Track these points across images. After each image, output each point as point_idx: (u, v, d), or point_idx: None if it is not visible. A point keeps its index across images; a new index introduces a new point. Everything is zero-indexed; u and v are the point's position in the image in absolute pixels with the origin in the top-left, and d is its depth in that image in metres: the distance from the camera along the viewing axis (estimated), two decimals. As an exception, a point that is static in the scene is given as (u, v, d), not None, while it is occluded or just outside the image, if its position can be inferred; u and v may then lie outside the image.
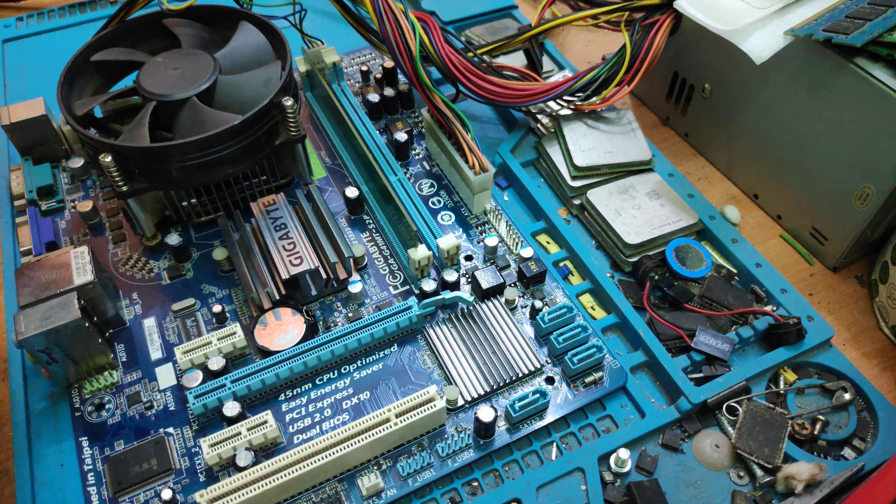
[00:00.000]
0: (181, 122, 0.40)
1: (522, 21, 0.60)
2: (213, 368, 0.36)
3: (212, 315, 0.40)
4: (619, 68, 0.46)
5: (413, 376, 0.38)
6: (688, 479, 0.34)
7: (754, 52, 0.40)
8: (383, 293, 0.41)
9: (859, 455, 0.35)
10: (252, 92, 0.42)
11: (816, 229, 0.44)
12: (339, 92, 0.49)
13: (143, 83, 0.41)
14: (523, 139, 0.50)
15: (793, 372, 0.38)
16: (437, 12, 0.59)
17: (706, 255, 0.42)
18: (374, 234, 0.44)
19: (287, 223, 0.41)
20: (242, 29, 0.45)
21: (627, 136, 0.47)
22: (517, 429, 0.35)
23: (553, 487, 0.34)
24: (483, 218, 0.45)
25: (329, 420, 0.36)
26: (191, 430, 0.36)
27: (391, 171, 0.44)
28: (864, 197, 0.40)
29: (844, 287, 0.44)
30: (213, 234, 0.44)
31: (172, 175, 0.39)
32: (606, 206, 0.44)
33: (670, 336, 0.39)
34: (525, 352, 0.37)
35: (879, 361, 0.40)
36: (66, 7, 0.63)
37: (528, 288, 0.41)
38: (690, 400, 0.36)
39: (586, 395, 0.36)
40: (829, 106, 0.40)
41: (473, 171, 0.42)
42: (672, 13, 0.46)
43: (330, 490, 0.33)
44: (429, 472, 0.34)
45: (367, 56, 0.57)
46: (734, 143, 0.48)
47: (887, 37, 0.37)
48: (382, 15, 0.41)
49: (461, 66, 0.44)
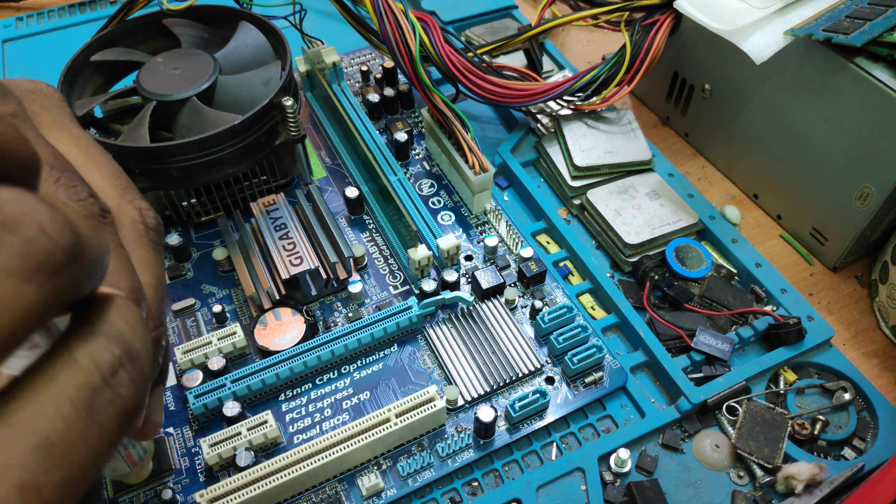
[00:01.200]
0: (181, 122, 0.40)
1: (522, 21, 0.60)
2: (213, 368, 0.36)
3: (212, 315, 0.40)
4: (619, 68, 0.46)
5: (413, 376, 0.38)
6: (688, 479, 0.34)
7: (754, 52, 0.40)
8: (383, 293, 0.41)
9: (859, 455, 0.35)
10: (252, 92, 0.42)
11: (816, 229, 0.44)
12: (339, 92, 0.49)
13: (142, 83, 0.41)
14: (523, 139, 0.50)
15: (793, 372, 0.38)
16: (437, 12, 0.59)
17: (706, 255, 0.42)
18: (374, 234, 0.44)
19: (287, 223, 0.41)
20: (242, 29, 0.45)
21: (627, 136, 0.47)
22: (517, 429, 0.35)
23: (553, 487, 0.34)
24: (483, 218, 0.45)
25: (329, 420, 0.36)
26: (191, 430, 0.36)
27: (391, 171, 0.44)
28: (864, 197, 0.40)
29: (844, 287, 0.44)
30: (213, 234, 0.44)
31: (172, 175, 0.39)
32: (606, 206, 0.44)
33: (670, 336, 0.39)
34: (525, 352, 0.37)
35: (879, 361, 0.40)
36: (66, 7, 0.63)
37: (528, 288, 0.41)
38: (690, 400, 0.36)
39: (586, 395, 0.36)
40: (829, 106, 0.40)
41: (473, 171, 0.42)
42: (672, 13, 0.46)
43: (330, 490, 0.33)
44: (429, 472, 0.34)
45: (367, 56, 0.57)
46: (734, 143, 0.48)
47: (887, 37, 0.37)
48: (382, 15, 0.41)
49: (461, 66, 0.44)
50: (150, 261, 0.23)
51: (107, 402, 0.16)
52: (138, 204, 0.24)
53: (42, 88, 0.24)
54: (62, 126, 0.24)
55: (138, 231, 0.23)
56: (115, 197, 0.23)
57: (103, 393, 0.16)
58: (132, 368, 0.17)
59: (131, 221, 0.23)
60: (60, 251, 0.14)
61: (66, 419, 0.15)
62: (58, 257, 0.14)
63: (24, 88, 0.24)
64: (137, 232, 0.23)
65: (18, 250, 0.14)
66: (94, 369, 0.16)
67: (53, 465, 0.14)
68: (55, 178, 0.19)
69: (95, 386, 0.16)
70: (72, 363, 0.15)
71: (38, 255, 0.14)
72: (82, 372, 0.15)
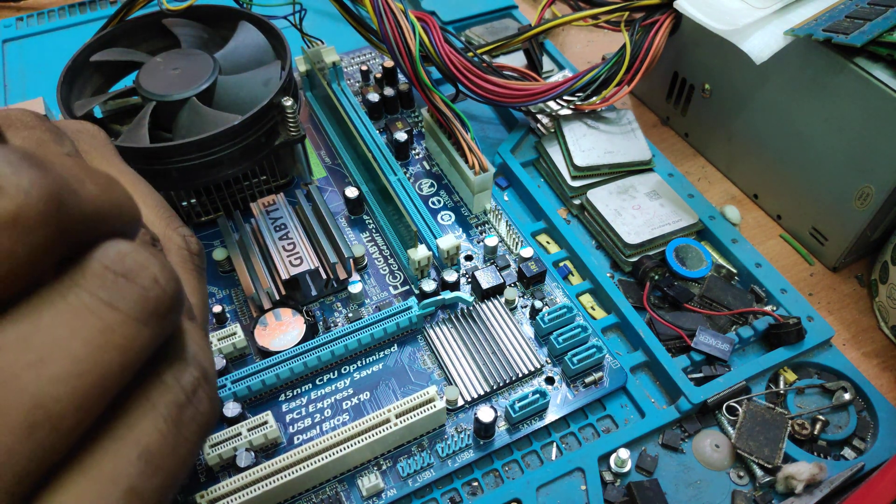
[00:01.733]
0: (181, 122, 0.40)
1: (522, 21, 0.60)
2: (213, 369, 0.36)
3: (212, 315, 0.40)
4: (619, 68, 0.46)
5: (413, 377, 0.38)
6: (688, 479, 0.34)
7: (754, 52, 0.40)
8: (383, 293, 0.41)
9: (859, 455, 0.35)
10: (252, 92, 0.42)
11: (816, 229, 0.44)
12: (338, 92, 0.49)
13: (142, 83, 0.41)
14: (523, 139, 0.50)
15: (793, 372, 0.38)
16: (437, 12, 0.59)
17: (706, 255, 0.42)
18: (374, 234, 0.44)
19: (287, 223, 0.41)
20: (242, 29, 0.45)
21: (627, 136, 0.47)
22: (517, 429, 0.35)
23: (553, 487, 0.34)
24: (483, 218, 0.45)
25: (329, 420, 0.36)
26: (191, 431, 0.36)
27: (391, 170, 0.44)
28: (864, 197, 0.40)
29: (844, 287, 0.44)
30: (213, 235, 0.44)
31: (172, 175, 0.39)
32: (606, 206, 0.44)
33: (670, 336, 0.39)
34: (525, 352, 0.37)
35: (879, 361, 0.40)
36: (66, 7, 0.63)
37: (528, 288, 0.41)
38: (690, 400, 0.36)
39: (586, 395, 0.36)
40: (829, 106, 0.40)
41: (473, 171, 0.42)
42: (672, 13, 0.46)
43: (330, 490, 0.33)
44: (429, 473, 0.34)
45: (367, 56, 0.57)
46: (734, 143, 0.48)
47: (887, 37, 0.37)
48: (382, 15, 0.41)
49: (461, 66, 0.44)
50: (195, 284, 0.25)
51: (190, 417, 0.18)
52: (182, 231, 0.25)
53: (89, 128, 0.26)
54: (110, 162, 0.25)
55: (184, 257, 0.25)
56: (161, 226, 0.25)
57: (187, 409, 0.18)
58: (208, 387, 0.19)
59: (177, 248, 0.25)
60: (169, 298, 0.17)
61: (161, 432, 0.17)
62: (167, 304, 0.17)
63: (72, 129, 0.25)
64: (183, 258, 0.25)
65: (137, 297, 0.16)
66: (179, 389, 0.18)
67: (153, 472, 0.16)
68: None
69: (181, 403, 0.18)
70: (160, 384, 0.18)
71: (152, 301, 0.16)
72: (170, 392, 0.18)
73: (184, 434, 0.18)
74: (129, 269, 0.16)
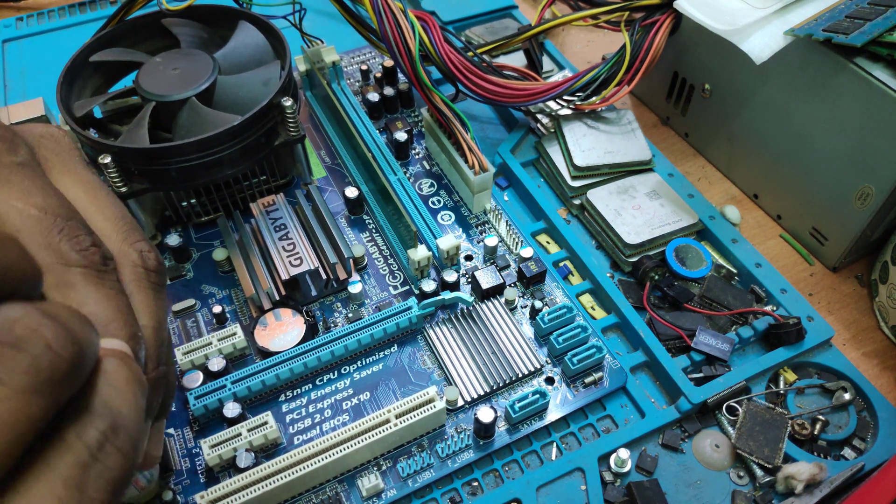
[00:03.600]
0: (180, 122, 0.40)
1: (522, 21, 0.60)
2: (213, 369, 0.36)
3: (212, 316, 0.40)
4: (619, 68, 0.46)
5: (413, 377, 0.38)
6: (688, 479, 0.34)
7: (754, 52, 0.40)
8: (383, 293, 0.41)
9: (859, 455, 0.35)
10: (251, 92, 0.42)
11: (816, 229, 0.44)
12: (338, 91, 0.49)
13: (142, 83, 0.41)
14: (523, 139, 0.50)
15: (793, 372, 0.38)
16: (437, 12, 0.59)
17: (706, 255, 0.42)
18: (374, 234, 0.44)
19: (287, 223, 0.41)
20: (242, 29, 0.45)
21: (627, 136, 0.47)
22: (517, 429, 0.35)
23: (553, 487, 0.34)
24: (483, 218, 0.45)
25: (329, 421, 0.36)
26: (191, 431, 0.36)
27: (391, 170, 0.44)
28: (864, 197, 0.40)
29: (844, 287, 0.44)
30: (213, 235, 0.44)
31: (172, 176, 0.39)
32: (606, 206, 0.44)
33: (670, 336, 0.39)
34: (525, 352, 0.37)
35: (879, 361, 0.40)
36: (66, 7, 0.63)
37: (528, 288, 0.41)
38: (690, 400, 0.36)
39: (586, 396, 0.36)
40: (828, 106, 0.40)
41: (473, 170, 0.42)
42: (672, 13, 0.46)
43: (330, 491, 0.33)
44: (429, 473, 0.34)
45: (367, 55, 0.57)
46: (734, 143, 0.48)
47: (887, 37, 0.36)
48: (382, 14, 0.41)
49: (461, 66, 0.44)
50: (150, 303, 0.24)
51: (96, 475, 0.17)
52: (139, 247, 0.24)
53: (53, 133, 0.25)
54: (71, 170, 0.25)
55: (138, 274, 0.24)
56: (118, 241, 0.24)
57: (92, 468, 0.17)
58: (117, 439, 0.18)
59: (132, 265, 0.24)
60: (64, 363, 0.16)
61: (60, 499, 0.16)
62: (64, 369, 0.16)
63: (35, 133, 0.25)
64: (138, 275, 0.24)
65: (27, 367, 0.15)
66: (81, 447, 0.17)
67: None
68: (59, 229, 0.21)
69: (84, 463, 0.17)
70: (60, 444, 0.17)
71: (45, 370, 0.15)
72: (71, 452, 0.17)
73: (89, 494, 0.16)
74: (18, 338, 0.15)
